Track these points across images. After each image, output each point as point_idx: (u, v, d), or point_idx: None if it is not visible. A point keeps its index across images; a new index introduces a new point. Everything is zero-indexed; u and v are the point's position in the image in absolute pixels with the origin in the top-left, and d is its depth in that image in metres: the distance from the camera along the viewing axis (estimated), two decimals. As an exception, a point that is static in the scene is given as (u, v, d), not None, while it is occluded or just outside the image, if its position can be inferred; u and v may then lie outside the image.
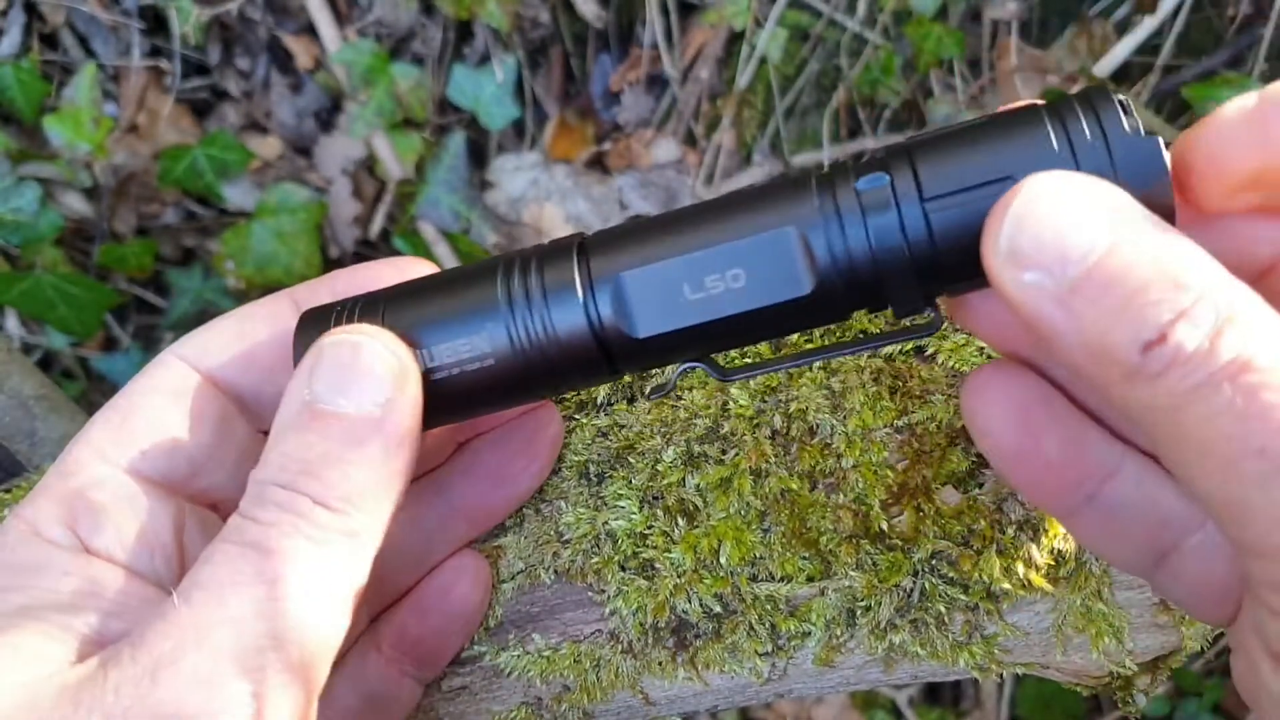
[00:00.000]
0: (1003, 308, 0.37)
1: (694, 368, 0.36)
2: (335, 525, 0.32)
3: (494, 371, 0.35)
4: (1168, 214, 0.29)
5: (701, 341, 0.35)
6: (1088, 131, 0.30)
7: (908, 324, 0.38)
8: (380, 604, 0.45)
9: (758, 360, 0.45)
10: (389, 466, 0.33)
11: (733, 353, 0.45)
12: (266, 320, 0.38)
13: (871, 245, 0.32)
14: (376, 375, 0.33)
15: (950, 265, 0.32)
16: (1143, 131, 0.30)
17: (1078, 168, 0.30)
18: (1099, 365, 0.28)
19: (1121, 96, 0.31)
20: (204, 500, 0.38)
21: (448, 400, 0.36)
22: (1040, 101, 0.32)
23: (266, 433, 0.40)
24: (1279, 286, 0.33)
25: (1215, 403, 0.26)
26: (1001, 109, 0.33)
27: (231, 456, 0.38)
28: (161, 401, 0.36)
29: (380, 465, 0.33)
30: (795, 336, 0.45)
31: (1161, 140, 0.30)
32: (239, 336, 0.38)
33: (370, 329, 0.34)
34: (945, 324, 0.37)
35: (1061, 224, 0.28)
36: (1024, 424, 0.35)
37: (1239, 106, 0.30)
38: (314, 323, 0.37)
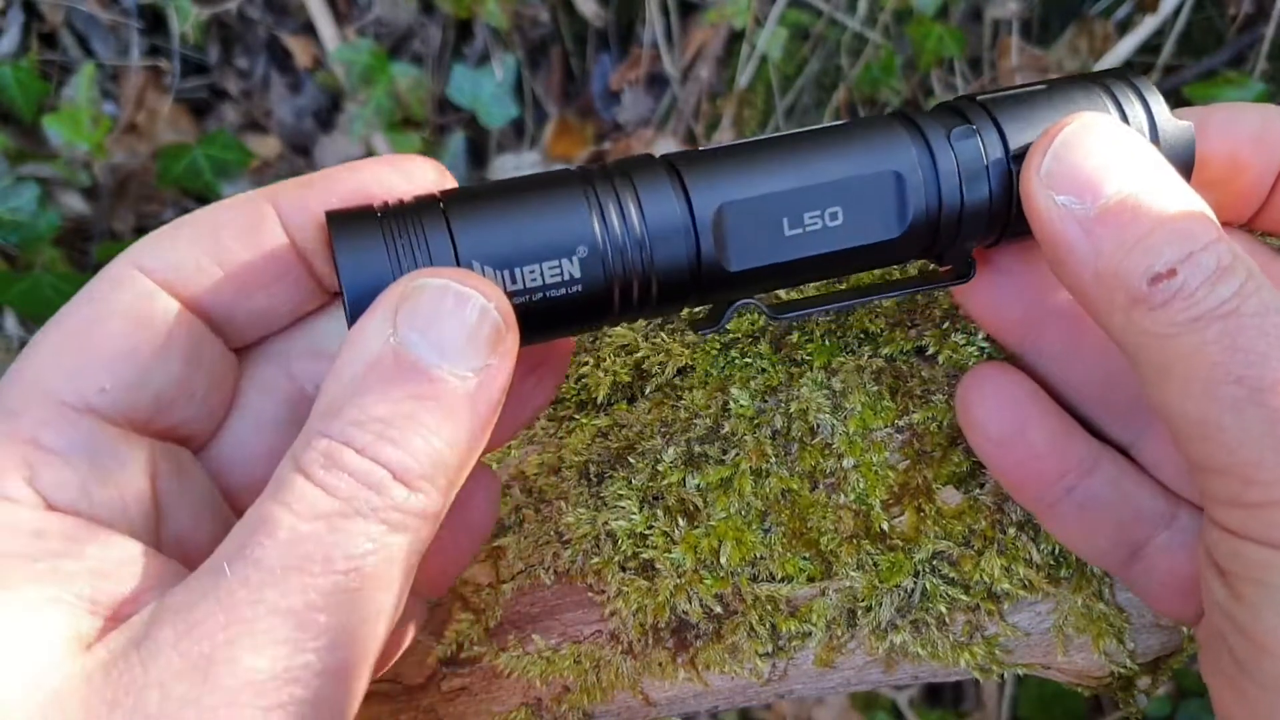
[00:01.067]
0: (1004, 297, 0.39)
1: (748, 304, 0.35)
2: (411, 506, 0.28)
3: (578, 298, 0.32)
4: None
5: (785, 277, 0.35)
6: (1140, 110, 0.34)
7: (939, 271, 0.39)
8: None
9: (804, 297, 0.43)
10: (471, 444, 0.30)
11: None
12: (242, 226, 0.33)
13: (963, 195, 0.34)
14: (480, 338, 0.29)
15: (1022, 216, 0.34)
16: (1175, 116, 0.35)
17: None
18: (1106, 291, 0.31)
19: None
20: (174, 436, 0.33)
21: (524, 326, 0.32)
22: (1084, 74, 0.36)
23: (238, 351, 0.35)
24: None
25: (1206, 334, 0.30)
26: (1052, 77, 0.36)
27: (203, 384, 0.33)
28: (121, 325, 0.31)
29: (464, 442, 0.29)
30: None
31: (1192, 126, 0.35)
32: (209, 244, 0.32)
33: (478, 279, 0.30)
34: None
35: (1102, 157, 0.32)
36: (1013, 415, 0.39)
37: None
38: (353, 227, 0.32)
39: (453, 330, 0.29)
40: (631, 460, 0.45)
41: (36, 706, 0.25)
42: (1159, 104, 0.34)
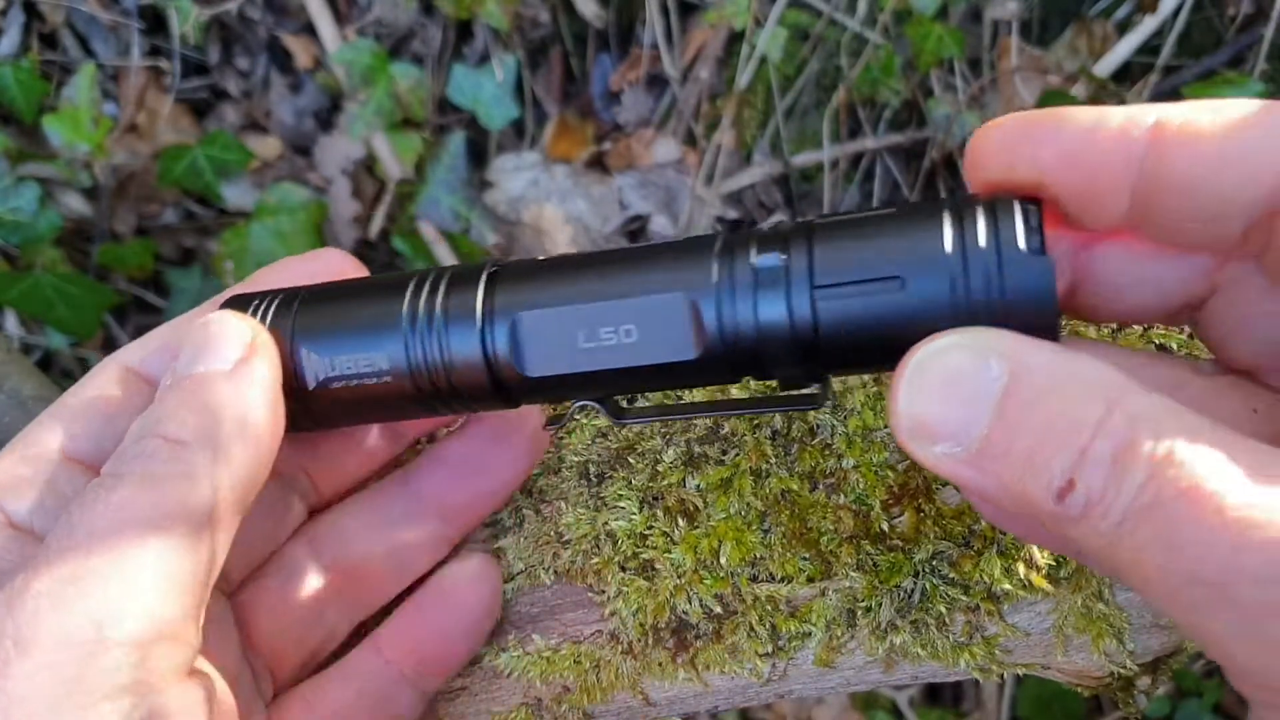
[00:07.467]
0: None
1: (590, 406, 0.37)
2: (173, 462, 0.33)
3: (391, 388, 0.37)
4: (1051, 334, 0.29)
5: (592, 387, 0.36)
6: (983, 241, 0.30)
7: (793, 394, 0.38)
8: (358, 608, 0.44)
9: (653, 406, 0.46)
10: (239, 408, 0.35)
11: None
12: (193, 316, 0.40)
13: (757, 323, 0.32)
14: (226, 341, 0.36)
15: (831, 352, 0.32)
16: (1040, 249, 0.30)
17: (966, 277, 0.30)
18: (1031, 513, 0.28)
19: (1032, 205, 0.31)
20: None
21: (348, 406, 0.38)
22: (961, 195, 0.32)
23: None
24: (1213, 316, 0.34)
25: (1138, 538, 0.26)
26: (912, 201, 0.33)
27: None
28: (90, 393, 0.38)
29: (230, 406, 0.34)
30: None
31: (1054, 262, 0.29)
32: (170, 335, 0.40)
33: (227, 313, 0.37)
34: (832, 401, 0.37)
35: (949, 396, 0.28)
36: None
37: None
38: (235, 308, 0.38)
39: (205, 345, 0.36)
40: (631, 460, 0.45)
41: None
42: (1012, 234, 0.30)
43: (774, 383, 0.35)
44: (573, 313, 0.34)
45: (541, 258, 0.37)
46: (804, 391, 0.36)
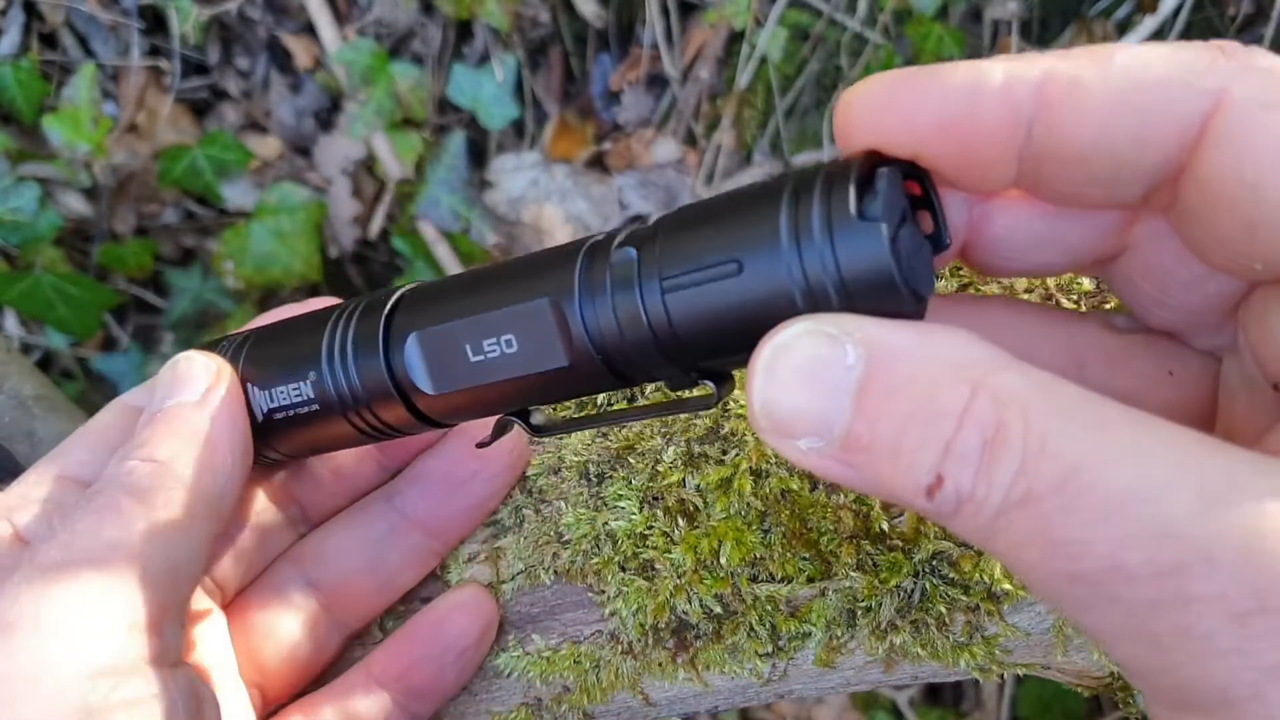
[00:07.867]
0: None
1: (511, 422, 0.37)
2: (149, 478, 0.37)
3: (320, 416, 0.38)
4: (903, 305, 0.27)
5: (498, 401, 0.35)
6: (816, 213, 0.27)
7: (686, 395, 0.36)
8: (347, 623, 0.45)
9: (571, 418, 0.45)
10: (209, 429, 0.39)
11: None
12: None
13: (618, 322, 0.31)
14: (193, 376, 0.40)
15: (695, 348, 0.30)
16: (879, 214, 0.27)
17: (800, 254, 0.27)
18: (911, 510, 0.27)
19: (886, 168, 0.27)
20: None
21: (291, 436, 0.40)
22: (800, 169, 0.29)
23: None
24: (1126, 278, 0.32)
25: (1013, 536, 0.24)
26: (758, 182, 0.30)
27: None
28: (94, 425, 0.42)
29: (201, 432, 0.39)
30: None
31: (885, 228, 0.26)
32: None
33: (197, 352, 0.42)
34: (725, 399, 0.35)
35: (806, 387, 0.26)
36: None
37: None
38: (206, 348, 0.42)
39: (174, 382, 0.40)
40: (631, 460, 0.45)
41: None
42: (844, 201, 0.27)
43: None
44: (457, 328, 0.34)
45: (448, 276, 0.37)
46: (694, 394, 0.34)
